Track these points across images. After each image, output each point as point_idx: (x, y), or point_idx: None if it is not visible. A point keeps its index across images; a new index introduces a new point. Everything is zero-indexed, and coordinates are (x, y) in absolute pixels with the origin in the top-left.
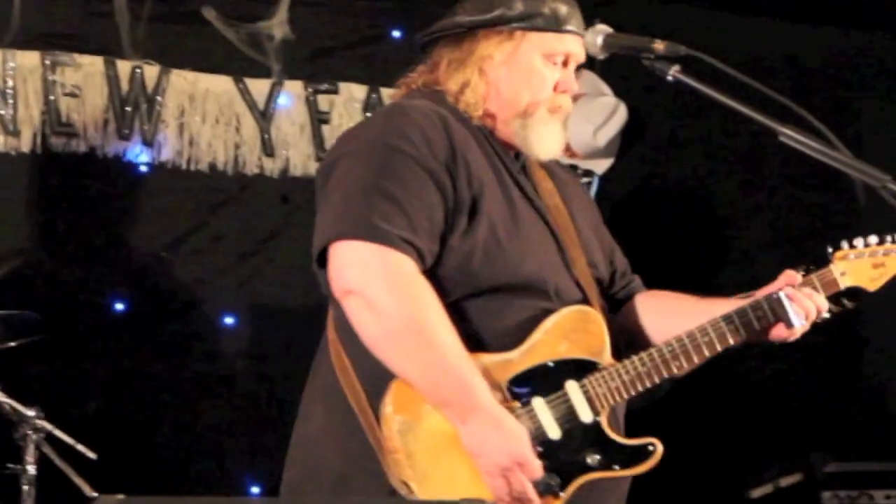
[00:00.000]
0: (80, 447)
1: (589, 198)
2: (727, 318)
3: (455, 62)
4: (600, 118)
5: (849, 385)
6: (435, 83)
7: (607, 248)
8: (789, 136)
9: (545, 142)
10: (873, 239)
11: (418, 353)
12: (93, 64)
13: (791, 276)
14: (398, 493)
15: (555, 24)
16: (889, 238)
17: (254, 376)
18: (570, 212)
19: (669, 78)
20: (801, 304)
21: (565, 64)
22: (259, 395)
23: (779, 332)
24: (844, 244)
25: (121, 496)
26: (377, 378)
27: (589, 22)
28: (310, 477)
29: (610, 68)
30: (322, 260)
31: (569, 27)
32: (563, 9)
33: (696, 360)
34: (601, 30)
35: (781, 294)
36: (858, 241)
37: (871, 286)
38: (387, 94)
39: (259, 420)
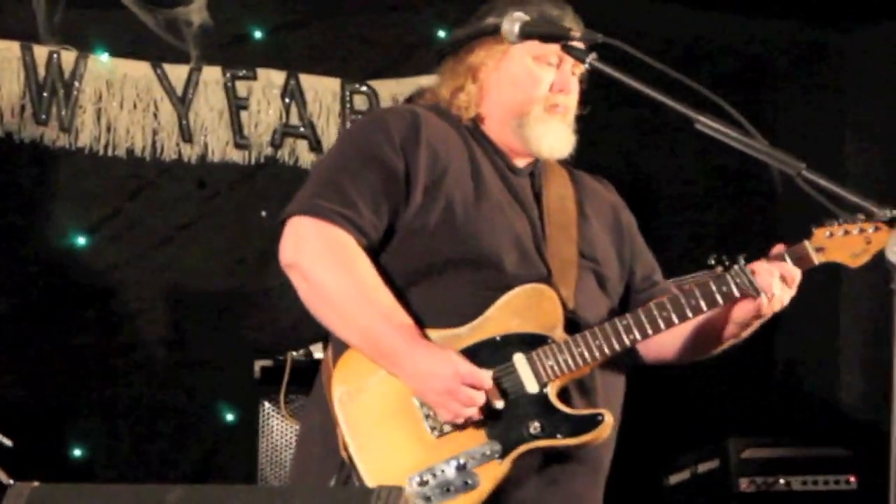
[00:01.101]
0: None
1: (618, 207)
2: (688, 293)
3: (450, 72)
4: None
5: (765, 371)
6: (436, 97)
7: (626, 251)
8: (706, 124)
9: (544, 139)
10: (860, 215)
11: (350, 310)
12: (9, 49)
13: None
14: (346, 465)
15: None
16: (876, 213)
17: (171, 363)
18: (579, 213)
19: (586, 65)
20: (763, 275)
21: (560, 65)
22: (177, 382)
23: (746, 305)
24: (830, 220)
25: (36, 483)
26: (337, 356)
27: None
28: (304, 471)
29: None
30: None
31: None
32: (552, 11)
33: (650, 332)
34: (517, 17)
35: (740, 264)
36: (844, 217)
37: (853, 262)
38: (305, 80)
39: (177, 407)
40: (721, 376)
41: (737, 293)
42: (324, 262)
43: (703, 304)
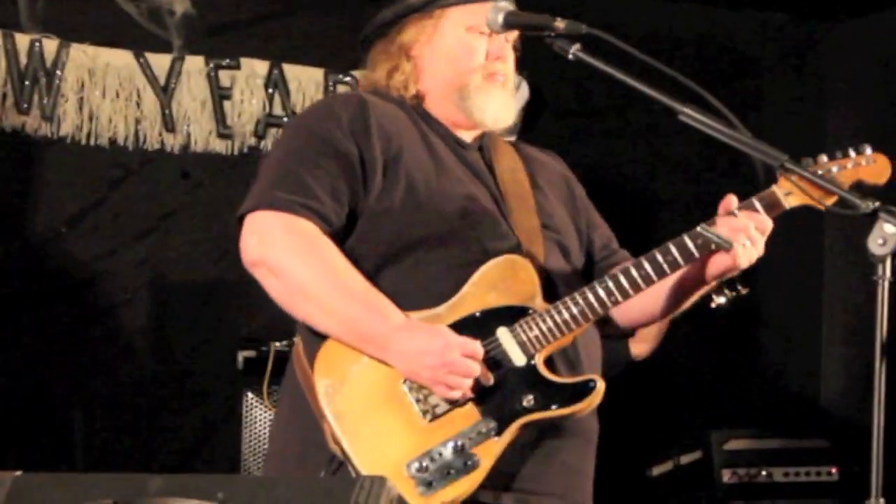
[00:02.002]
0: None
1: (567, 178)
2: (663, 250)
3: (383, 54)
4: None
5: (747, 363)
6: (372, 81)
7: (583, 222)
8: (690, 115)
9: (487, 109)
10: (823, 158)
11: (326, 299)
12: None
13: (727, 202)
14: (337, 458)
15: None
16: (839, 153)
17: (154, 353)
18: (533, 186)
19: (570, 56)
20: (733, 226)
21: (492, 34)
22: (159, 373)
23: (721, 259)
24: (790, 164)
25: (18, 472)
26: (312, 347)
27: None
28: (279, 467)
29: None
30: None
31: None
32: None
33: (631, 293)
34: (502, 7)
35: (703, 225)
36: (807, 160)
37: (821, 204)
38: (289, 69)
39: (160, 397)
40: (703, 369)
41: (712, 245)
42: (292, 255)
43: (679, 258)
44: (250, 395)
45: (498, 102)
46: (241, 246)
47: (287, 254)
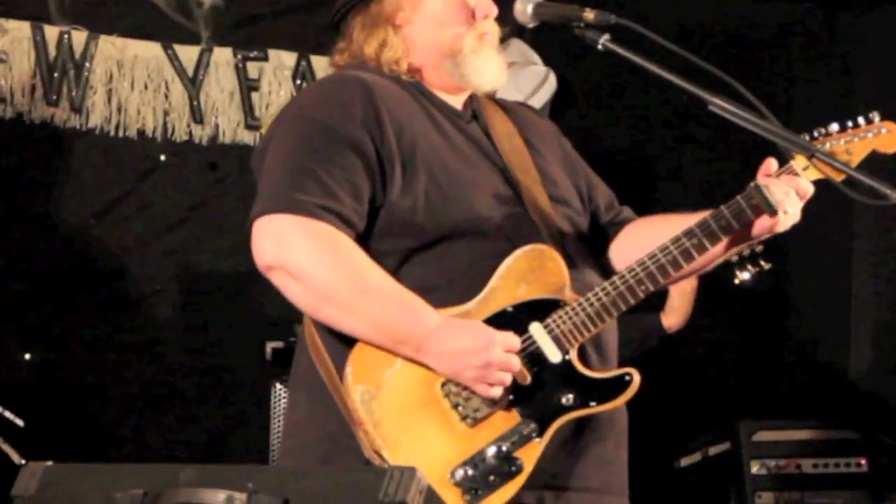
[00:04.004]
0: (7, 415)
1: (558, 135)
2: (688, 233)
3: (367, 27)
4: (530, 87)
5: (776, 354)
6: (355, 55)
7: (582, 183)
8: (719, 105)
9: (484, 72)
10: (834, 127)
11: (356, 302)
12: (20, 29)
13: (767, 165)
14: (373, 464)
15: None
16: (849, 123)
17: (183, 345)
18: (531, 151)
19: (599, 47)
20: (779, 188)
21: None
22: (189, 364)
23: (763, 224)
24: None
25: (49, 463)
26: (340, 351)
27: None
28: (300, 463)
29: (540, 37)
30: None
31: None
32: None
33: (661, 280)
34: None
35: (757, 181)
36: (818, 132)
37: (839, 175)
38: (316, 61)
39: (189, 388)
40: (732, 359)
41: (751, 215)
42: (314, 258)
43: (720, 234)
44: (278, 385)
45: (494, 64)
46: (255, 250)
47: (308, 257)
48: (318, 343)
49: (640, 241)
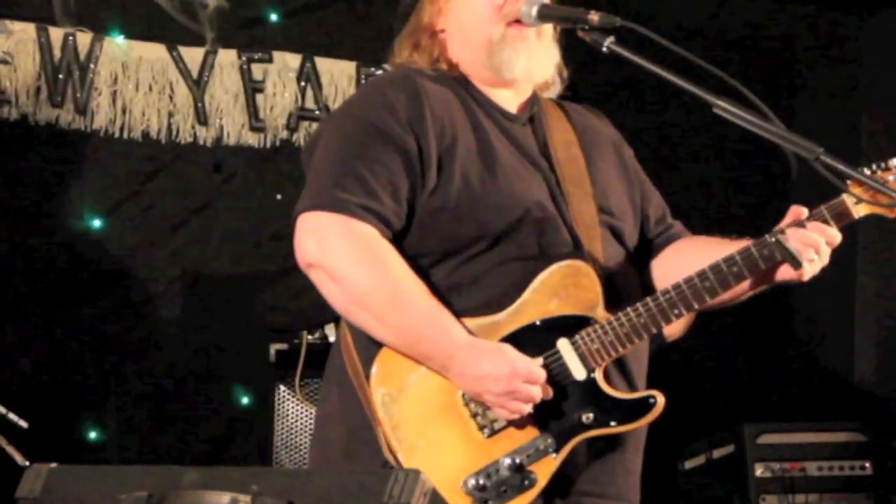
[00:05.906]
0: (11, 416)
1: (620, 143)
2: (729, 261)
3: (405, 36)
4: None
5: (780, 357)
6: (404, 56)
7: (637, 195)
8: (724, 108)
9: (515, 64)
10: (893, 161)
11: (387, 311)
12: (25, 31)
13: (797, 211)
14: (390, 466)
15: None
16: (881, 164)
17: (187, 346)
18: (588, 161)
19: (604, 49)
20: (804, 241)
21: None
22: (193, 365)
23: (787, 273)
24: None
25: (53, 464)
26: (367, 351)
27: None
28: (324, 455)
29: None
30: None
31: None
32: None
33: (696, 306)
34: (536, 0)
35: (778, 237)
36: (876, 165)
37: (893, 213)
38: (321, 63)
39: (193, 390)
40: (736, 362)
41: (778, 257)
42: (353, 262)
43: (745, 271)
44: (282, 387)
45: (525, 55)
46: (297, 246)
47: (348, 261)
48: (349, 342)
49: (681, 262)
